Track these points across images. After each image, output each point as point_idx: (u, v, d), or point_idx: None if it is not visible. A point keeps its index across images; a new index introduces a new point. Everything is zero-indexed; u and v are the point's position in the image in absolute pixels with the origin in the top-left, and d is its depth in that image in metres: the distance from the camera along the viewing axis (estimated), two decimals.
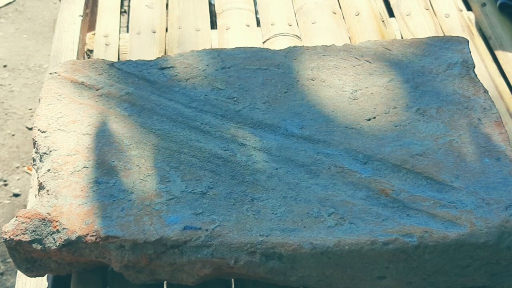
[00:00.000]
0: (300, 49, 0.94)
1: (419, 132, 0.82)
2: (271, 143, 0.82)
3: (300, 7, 1.19)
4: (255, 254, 0.72)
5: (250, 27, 1.16)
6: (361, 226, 0.73)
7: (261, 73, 0.91)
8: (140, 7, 1.20)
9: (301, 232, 0.72)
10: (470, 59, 0.91)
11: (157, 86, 0.89)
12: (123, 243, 0.73)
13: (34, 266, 0.77)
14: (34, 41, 1.79)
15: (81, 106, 0.86)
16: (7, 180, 1.46)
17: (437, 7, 1.18)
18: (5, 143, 1.53)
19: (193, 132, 0.83)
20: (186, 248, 0.72)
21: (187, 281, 0.75)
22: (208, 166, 0.79)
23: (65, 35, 1.14)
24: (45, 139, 0.82)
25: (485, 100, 0.86)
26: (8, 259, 1.32)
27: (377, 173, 0.78)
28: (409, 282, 0.74)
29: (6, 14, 1.87)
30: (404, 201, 0.75)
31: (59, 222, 0.74)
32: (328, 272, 0.73)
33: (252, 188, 0.77)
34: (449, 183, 0.76)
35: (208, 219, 0.74)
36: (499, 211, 0.73)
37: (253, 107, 0.86)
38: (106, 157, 0.80)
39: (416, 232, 0.71)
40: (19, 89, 1.66)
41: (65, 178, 0.78)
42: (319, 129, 0.83)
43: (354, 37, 1.13)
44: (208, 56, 0.93)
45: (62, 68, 0.91)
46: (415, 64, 0.91)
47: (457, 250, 0.71)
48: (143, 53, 1.11)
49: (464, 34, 1.11)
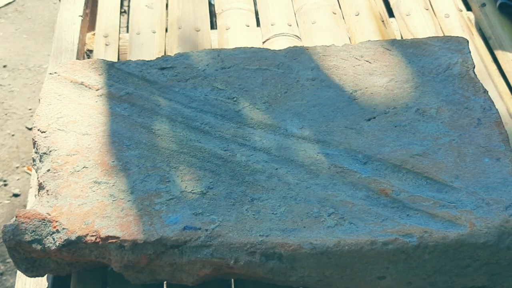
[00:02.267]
0: (300, 49, 0.94)
1: (419, 132, 0.82)
2: (271, 143, 0.82)
3: (300, 7, 1.19)
4: (255, 254, 0.72)
5: (250, 27, 1.16)
6: (361, 226, 0.73)
7: (261, 73, 0.91)
8: (140, 7, 1.20)
9: (301, 232, 0.72)
10: (470, 59, 0.91)
11: (157, 86, 0.89)
12: (123, 243, 0.73)
13: (34, 266, 0.77)
14: (34, 41, 1.79)
15: (81, 106, 0.86)
16: (7, 180, 1.46)
17: (437, 7, 1.18)
18: (5, 143, 1.53)
19: (193, 132, 0.83)
20: (186, 248, 0.72)
21: (187, 281, 0.75)
22: (208, 166, 0.79)
23: (65, 35, 1.14)
24: (45, 139, 0.82)
25: (485, 100, 0.86)
26: (8, 259, 1.32)
27: (377, 173, 0.78)
28: (409, 282, 0.74)
29: (6, 14, 1.87)
30: (404, 201, 0.75)
31: (59, 222, 0.74)
32: (328, 272, 0.73)
33: (252, 188, 0.77)
34: (449, 183, 0.76)
35: (208, 219, 0.74)
36: (499, 211, 0.73)
37: (253, 107, 0.86)
38: (106, 157, 0.80)
39: (416, 232, 0.71)
40: (19, 89, 1.66)
41: (65, 178, 0.78)
42: (319, 129, 0.83)
43: (354, 37, 1.13)
44: (208, 56, 0.93)
45: (62, 68, 0.91)
46: (415, 64, 0.91)
47: (457, 250, 0.71)
48: (143, 53, 1.11)
49: (464, 34, 1.11)
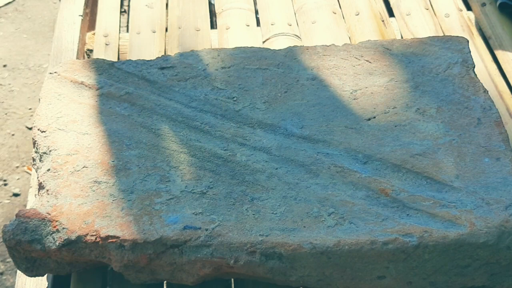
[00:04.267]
0: (300, 49, 0.94)
1: (419, 132, 0.82)
2: (271, 143, 0.82)
3: (300, 7, 1.19)
4: (255, 254, 0.72)
5: (250, 27, 1.16)
6: (361, 226, 0.73)
7: (261, 73, 0.91)
8: (140, 6, 1.20)
9: (301, 232, 0.72)
10: (470, 59, 0.91)
11: (157, 86, 0.89)
12: (123, 243, 0.73)
13: (34, 266, 0.77)
14: (34, 41, 1.79)
15: (81, 106, 0.86)
16: (7, 180, 1.46)
17: (437, 7, 1.18)
18: (5, 143, 1.53)
19: (193, 132, 0.83)
20: (186, 248, 0.72)
21: (187, 281, 0.75)
22: (208, 166, 0.79)
23: (65, 35, 1.14)
24: (45, 139, 0.82)
25: (485, 100, 0.86)
26: (8, 258, 1.32)
27: (377, 173, 0.78)
28: (409, 282, 0.74)
29: (6, 14, 1.87)
30: (404, 201, 0.75)
31: (59, 222, 0.74)
32: (328, 272, 0.73)
33: (252, 188, 0.77)
34: (449, 183, 0.76)
35: (208, 218, 0.74)
36: (499, 211, 0.73)
37: (253, 107, 0.86)
38: (106, 157, 0.80)
39: (416, 232, 0.71)
40: (19, 88, 1.66)
41: (65, 178, 0.78)
42: (319, 129, 0.83)
43: (354, 37, 1.13)
44: (208, 56, 0.93)
45: (62, 68, 0.91)
46: (415, 64, 0.91)
47: (457, 250, 0.71)
48: (143, 53, 1.11)
49: (464, 34, 1.11)
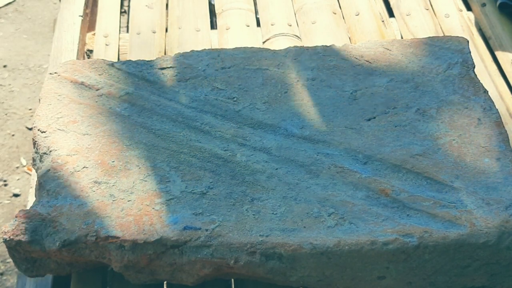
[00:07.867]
0: (300, 49, 0.94)
1: (419, 132, 0.82)
2: (271, 143, 0.82)
3: (300, 7, 1.19)
4: (255, 254, 0.72)
5: (250, 27, 1.16)
6: (361, 226, 0.73)
7: (261, 73, 0.91)
8: (140, 7, 1.20)
9: (301, 232, 0.72)
10: (470, 59, 0.91)
11: (157, 86, 0.89)
12: (123, 243, 0.72)
13: (34, 266, 0.77)
14: (34, 41, 1.79)
15: (81, 106, 0.86)
16: (7, 180, 1.46)
17: (437, 7, 1.18)
18: (5, 143, 1.53)
19: (193, 132, 0.83)
20: (186, 248, 0.72)
21: (187, 281, 0.75)
22: (208, 166, 0.79)
23: (65, 35, 1.14)
24: (45, 139, 0.82)
25: (485, 100, 0.86)
26: (8, 259, 1.31)
27: (377, 173, 0.78)
28: (409, 282, 0.74)
29: (6, 14, 1.87)
30: (404, 201, 0.75)
31: (59, 222, 0.74)
32: (328, 272, 0.73)
33: (252, 188, 0.77)
34: (449, 183, 0.76)
35: (208, 219, 0.74)
36: (499, 211, 0.73)
37: (253, 107, 0.86)
38: (106, 157, 0.80)
39: (416, 232, 0.71)
40: (19, 89, 1.66)
41: (65, 178, 0.78)
42: (319, 129, 0.83)
43: (354, 37, 1.13)
44: (208, 56, 0.93)
45: (62, 68, 0.91)
46: (415, 64, 0.91)
47: (457, 250, 0.71)
48: (143, 53, 1.11)
49: (464, 34, 1.11)
